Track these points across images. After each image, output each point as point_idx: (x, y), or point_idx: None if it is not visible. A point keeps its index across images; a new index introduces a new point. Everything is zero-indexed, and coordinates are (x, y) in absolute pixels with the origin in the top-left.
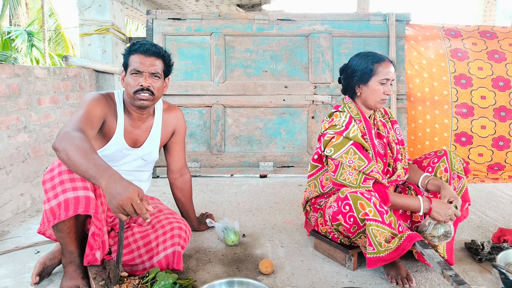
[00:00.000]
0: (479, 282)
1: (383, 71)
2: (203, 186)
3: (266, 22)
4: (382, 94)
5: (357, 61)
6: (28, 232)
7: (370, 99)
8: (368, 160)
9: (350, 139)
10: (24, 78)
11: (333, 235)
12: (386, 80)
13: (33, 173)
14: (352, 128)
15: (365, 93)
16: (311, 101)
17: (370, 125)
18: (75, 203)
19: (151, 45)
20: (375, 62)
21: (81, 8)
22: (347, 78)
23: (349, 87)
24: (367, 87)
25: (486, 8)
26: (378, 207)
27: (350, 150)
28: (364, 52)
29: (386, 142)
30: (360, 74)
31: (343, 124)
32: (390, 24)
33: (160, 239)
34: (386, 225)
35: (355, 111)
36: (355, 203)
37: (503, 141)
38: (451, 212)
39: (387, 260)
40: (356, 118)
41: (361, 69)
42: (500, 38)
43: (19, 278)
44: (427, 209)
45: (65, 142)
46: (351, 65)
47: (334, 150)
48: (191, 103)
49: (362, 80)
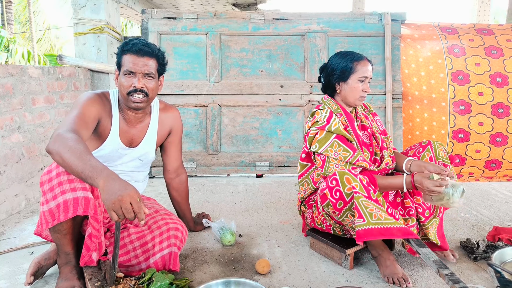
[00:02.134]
0: (474, 281)
1: (362, 69)
2: (199, 186)
3: (262, 21)
4: (361, 92)
5: (337, 60)
6: (22, 233)
7: (349, 96)
8: (353, 150)
9: (333, 132)
10: (18, 78)
11: (325, 223)
12: (365, 78)
13: (27, 173)
14: (333, 121)
15: (344, 90)
16: (307, 101)
17: (352, 117)
18: (74, 204)
19: (143, 45)
20: (354, 60)
21: (75, 7)
22: (327, 76)
23: (329, 85)
24: (347, 85)
25: (481, 8)
26: (364, 184)
27: (334, 143)
28: (343, 51)
29: (370, 132)
30: (339, 72)
31: (324, 119)
32: (386, 24)
33: (156, 239)
34: (373, 201)
35: (335, 106)
36: (342, 177)
37: (501, 138)
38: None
39: (375, 236)
40: (336, 113)
41: (340, 67)
42: (497, 34)
43: (14, 279)
44: (409, 183)
45: (58, 144)
46: (331, 63)
47: (319, 145)
48: (187, 103)
49: (342, 78)
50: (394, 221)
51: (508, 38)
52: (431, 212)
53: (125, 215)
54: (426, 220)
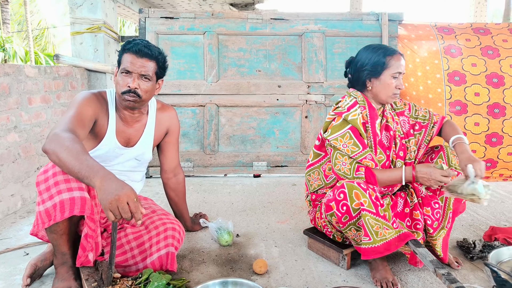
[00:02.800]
0: (471, 281)
1: (395, 64)
2: (197, 186)
3: (260, 21)
4: (394, 88)
5: (367, 54)
6: (19, 234)
7: (381, 93)
8: (363, 146)
9: (349, 122)
10: (14, 77)
11: (326, 229)
12: (398, 73)
13: (23, 173)
14: (354, 111)
15: (376, 87)
16: (304, 101)
17: (376, 114)
18: (71, 204)
19: (144, 46)
20: (387, 55)
21: (72, 6)
22: (356, 71)
23: (359, 81)
24: (379, 81)
25: (477, 9)
26: (373, 199)
27: (347, 134)
28: (374, 45)
29: (392, 135)
30: (371, 68)
31: (345, 106)
32: (383, 24)
33: (153, 239)
34: (381, 217)
35: (361, 97)
36: (350, 191)
37: (496, 138)
38: (435, 177)
39: (382, 253)
40: (360, 104)
41: (372, 63)
42: (493, 34)
43: (10, 280)
44: (410, 176)
45: (54, 144)
46: (360, 58)
47: (331, 131)
48: (184, 103)
49: (374, 74)
50: (395, 232)
51: (504, 38)
52: (439, 223)
53: (122, 215)
54: (435, 232)
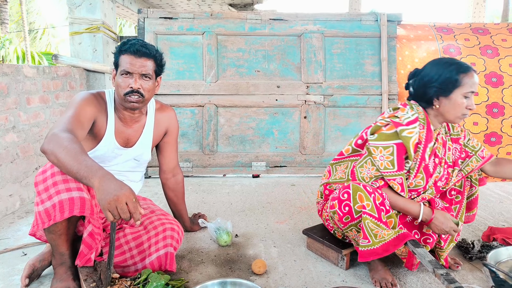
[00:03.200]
0: (469, 281)
1: (469, 82)
2: (196, 186)
3: (259, 21)
4: (464, 109)
5: (437, 69)
6: (17, 234)
7: (449, 113)
8: (399, 168)
9: (400, 137)
10: (13, 77)
11: (328, 223)
12: (471, 93)
13: (22, 173)
14: (412, 128)
15: (444, 106)
16: (303, 101)
17: (431, 137)
18: (70, 204)
19: (141, 45)
20: (460, 72)
21: (71, 6)
22: (422, 86)
23: (424, 97)
24: (449, 100)
25: (476, 9)
26: (377, 204)
27: (390, 148)
28: (445, 59)
29: (438, 163)
30: (440, 85)
31: (404, 120)
32: (382, 24)
33: (152, 240)
34: (383, 223)
35: (422, 115)
36: (354, 193)
37: (495, 137)
38: (449, 228)
39: (380, 254)
40: (420, 122)
41: (443, 79)
42: (492, 33)
43: (8, 280)
44: (427, 218)
45: (53, 144)
46: (429, 73)
47: (377, 137)
48: (183, 103)
49: (443, 92)
50: (394, 232)
51: (503, 37)
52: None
53: (121, 215)
54: (445, 244)
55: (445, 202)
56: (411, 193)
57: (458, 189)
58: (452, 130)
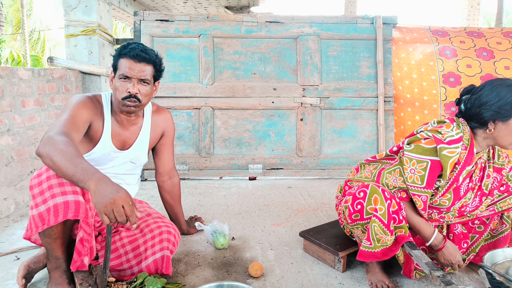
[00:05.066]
0: (465, 282)
1: None
2: (192, 189)
3: (255, 24)
4: None
5: (499, 91)
6: (11, 238)
7: (504, 139)
8: (428, 186)
9: (439, 156)
10: (8, 80)
11: (340, 217)
12: None
13: (17, 177)
14: (453, 148)
15: (500, 131)
16: (299, 103)
17: (472, 160)
18: (65, 208)
19: (141, 50)
20: None
21: (66, 8)
22: (478, 106)
23: (477, 117)
24: (506, 126)
25: (470, 12)
26: (391, 211)
27: (425, 164)
28: (508, 81)
29: (471, 187)
30: (500, 109)
31: (447, 138)
32: (378, 27)
33: (148, 243)
34: (389, 231)
35: (467, 136)
36: (371, 194)
37: None
38: (456, 260)
39: (379, 258)
40: (464, 143)
41: (504, 103)
42: (487, 37)
43: (3, 285)
44: (438, 245)
45: (48, 147)
46: (488, 94)
47: (413, 149)
48: (179, 105)
49: (502, 117)
50: (393, 238)
51: (498, 40)
52: (469, 246)
53: (117, 219)
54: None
55: (464, 228)
56: (433, 210)
57: (483, 220)
58: (497, 158)
